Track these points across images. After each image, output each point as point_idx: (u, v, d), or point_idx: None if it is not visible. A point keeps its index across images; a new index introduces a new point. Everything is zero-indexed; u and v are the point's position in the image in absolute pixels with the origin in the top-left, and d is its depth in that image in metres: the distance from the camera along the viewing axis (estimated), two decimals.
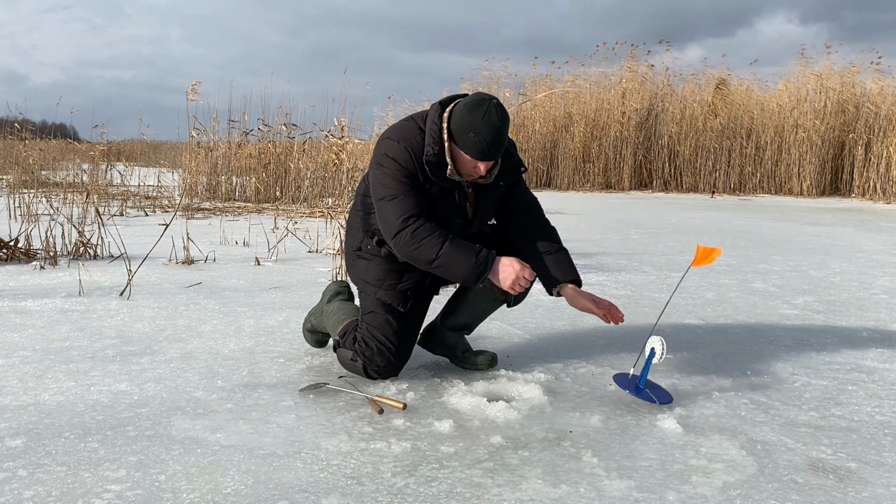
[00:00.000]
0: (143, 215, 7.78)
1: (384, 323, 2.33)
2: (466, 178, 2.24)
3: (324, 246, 5.41)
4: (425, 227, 2.17)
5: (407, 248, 2.17)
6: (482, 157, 2.15)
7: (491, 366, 2.51)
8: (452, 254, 2.14)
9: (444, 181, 2.21)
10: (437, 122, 2.21)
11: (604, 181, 15.58)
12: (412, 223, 2.17)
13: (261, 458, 1.75)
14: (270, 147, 10.31)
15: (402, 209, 2.18)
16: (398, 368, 2.38)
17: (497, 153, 2.17)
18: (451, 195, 2.26)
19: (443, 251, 2.14)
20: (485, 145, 2.12)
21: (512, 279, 2.14)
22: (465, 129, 2.13)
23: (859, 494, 1.65)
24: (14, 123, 11.57)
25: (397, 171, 2.20)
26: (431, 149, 2.18)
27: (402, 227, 2.17)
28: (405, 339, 2.36)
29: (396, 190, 2.20)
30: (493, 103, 2.13)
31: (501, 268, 2.15)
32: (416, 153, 2.20)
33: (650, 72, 16.21)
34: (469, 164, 2.19)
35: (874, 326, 3.34)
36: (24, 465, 1.68)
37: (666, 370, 2.56)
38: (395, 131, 2.27)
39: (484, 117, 2.11)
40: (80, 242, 4.63)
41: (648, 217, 9.18)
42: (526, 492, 1.62)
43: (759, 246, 6.30)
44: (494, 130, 2.11)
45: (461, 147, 2.16)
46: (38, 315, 3.13)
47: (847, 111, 14.86)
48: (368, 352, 2.32)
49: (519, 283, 2.15)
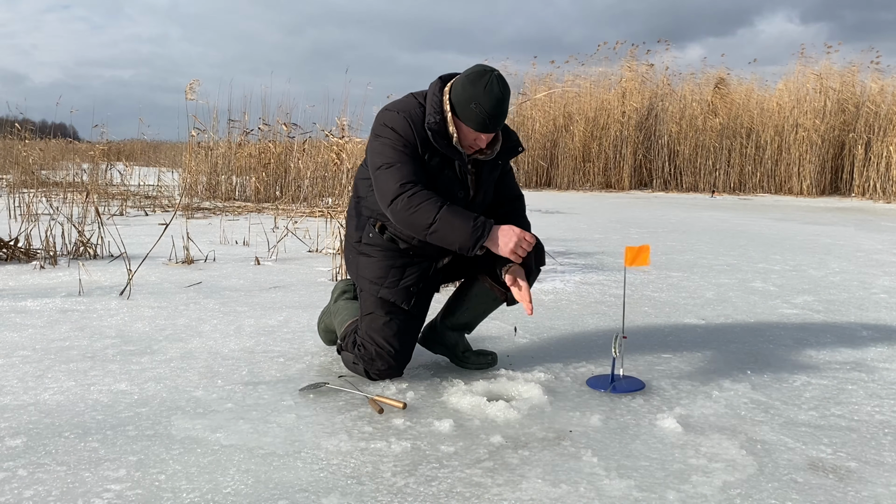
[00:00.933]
0: (142, 215, 7.79)
1: (383, 325, 2.30)
2: (467, 151, 2.24)
3: (324, 245, 5.41)
4: (422, 193, 2.14)
5: (403, 214, 2.15)
6: (483, 129, 2.15)
7: (491, 365, 2.51)
8: (449, 219, 2.11)
9: (447, 149, 2.21)
10: (438, 94, 2.22)
11: (604, 181, 15.57)
12: (409, 188, 2.15)
13: (261, 458, 1.75)
14: (270, 146, 10.31)
15: (400, 175, 2.16)
16: (400, 370, 2.36)
17: (498, 125, 2.17)
18: (453, 167, 2.25)
19: (440, 215, 2.10)
20: (486, 116, 2.12)
21: (514, 242, 2.10)
22: (467, 100, 2.13)
23: (859, 494, 1.65)
24: (14, 123, 11.58)
25: (396, 140, 2.20)
26: (433, 118, 2.18)
27: (399, 192, 2.14)
28: (406, 340, 2.34)
29: (394, 158, 2.19)
30: (494, 75, 2.13)
31: (501, 234, 2.11)
32: (417, 123, 2.20)
33: (650, 71, 16.21)
34: (470, 136, 2.19)
35: (874, 326, 3.34)
36: (24, 465, 1.68)
37: (665, 369, 2.56)
38: (395, 104, 2.28)
39: (485, 88, 2.11)
40: (80, 242, 4.63)
41: (648, 216, 9.18)
42: (526, 491, 1.62)
43: (758, 245, 6.30)
44: (496, 101, 2.11)
45: (462, 119, 2.16)
46: (37, 315, 3.13)
47: (847, 110, 14.85)
48: (368, 356, 2.30)
49: (521, 245, 2.11)
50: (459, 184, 2.27)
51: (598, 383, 2.36)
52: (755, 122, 15.25)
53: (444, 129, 2.20)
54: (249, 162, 10.33)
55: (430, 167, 2.23)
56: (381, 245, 2.34)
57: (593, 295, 3.88)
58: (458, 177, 2.26)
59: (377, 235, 2.33)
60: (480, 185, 2.33)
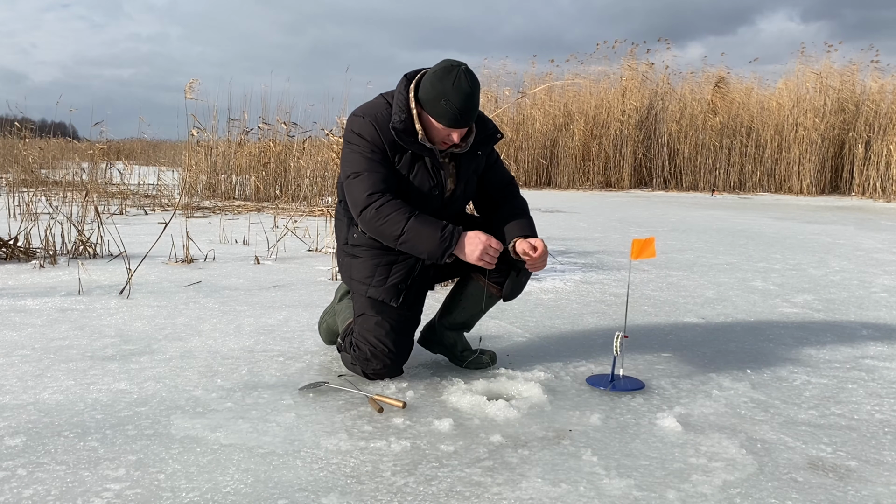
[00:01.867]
0: (142, 214, 7.78)
1: (375, 325, 2.30)
2: (440, 147, 2.24)
3: (323, 244, 5.41)
4: (390, 203, 2.15)
5: (373, 224, 2.17)
6: (455, 125, 2.14)
7: (490, 365, 2.50)
8: (418, 228, 2.12)
9: (414, 146, 2.20)
10: (404, 92, 2.21)
11: (604, 180, 15.57)
12: (377, 199, 2.16)
13: (260, 457, 1.75)
14: (270, 145, 10.31)
15: (368, 185, 2.17)
16: (397, 368, 2.35)
17: (470, 120, 2.16)
18: (424, 164, 2.24)
19: (408, 226, 2.12)
20: (456, 112, 2.11)
21: (480, 250, 2.12)
22: (436, 97, 2.11)
23: (859, 493, 1.65)
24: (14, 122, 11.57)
25: (363, 146, 2.20)
26: (398, 117, 2.18)
27: (367, 203, 2.17)
28: (400, 339, 2.32)
29: (362, 166, 2.20)
30: (461, 69, 2.12)
31: (467, 241, 2.13)
32: (382, 125, 2.20)
33: (650, 70, 16.20)
34: (442, 132, 2.18)
35: (874, 325, 3.34)
36: (24, 464, 1.68)
37: (665, 368, 2.56)
38: (362, 108, 2.29)
39: (454, 84, 2.09)
40: (80, 241, 4.63)
41: (648, 216, 9.17)
42: (526, 490, 1.62)
43: (758, 244, 6.30)
44: (465, 96, 2.10)
45: (433, 115, 2.15)
46: (37, 314, 3.13)
47: (847, 109, 14.85)
48: (363, 356, 2.30)
49: (487, 253, 2.13)
50: (432, 180, 2.26)
51: (598, 382, 2.37)
52: (755, 121, 15.25)
53: (410, 126, 2.19)
54: (249, 161, 10.33)
55: (401, 167, 2.23)
56: (366, 244, 2.33)
57: (593, 294, 3.88)
58: (430, 173, 2.25)
59: (361, 235, 2.33)
60: (460, 177, 2.32)
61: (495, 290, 2.43)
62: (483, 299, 2.46)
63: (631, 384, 2.36)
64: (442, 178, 2.27)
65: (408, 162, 2.23)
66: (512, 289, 2.44)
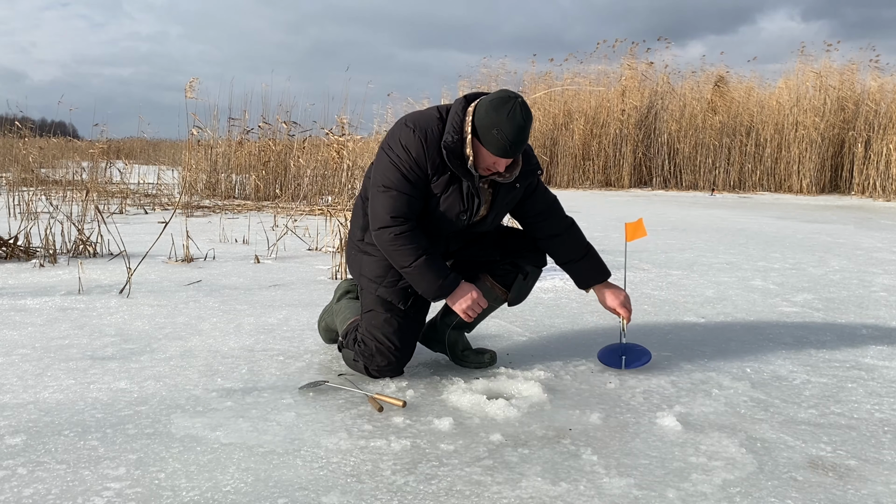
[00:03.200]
0: (142, 213, 7.78)
1: (383, 322, 2.32)
2: (483, 173, 2.25)
3: (323, 244, 5.41)
4: (408, 235, 2.21)
5: (386, 247, 2.24)
6: (504, 154, 2.16)
7: (490, 364, 2.51)
8: (423, 269, 2.21)
9: (459, 169, 2.21)
10: (461, 113, 2.21)
11: (603, 179, 15.56)
12: (398, 224, 2.20)
13: (260, 456, 1.75)
14: (270, 145, 10.31)
15: (394, 206, 2.21)
16: (400, 367, 2.37)
17: (518, 151, 2.18)
18: (460, 187, 2.25)
19: (416, 263, 2.20)
20: (507, 143, 2.12)
21: (466, 305, 2.26)
22: (490, 125, 2.12)
23: (859, 492, 1.65)
24: (14, 121, 11.57)
25: (405, 161, 2.21)
26: (451, 137, 2.19)
27: (389, 224, 2.21)
28: (406, 338, 2.34)
29: (395, 184, 2.21)
30: (518, 101, 2.14)
31: (459, 291, 2.26)
32: (431, 142, 2.21)
33: (650, 69, 16.20)
34: (489, 159, 2.19)
35: (874, 324, 3.34)
36: (24, 463, 1.68)
37: (666, 368, 2.56)
38: (415, 118, 2.27)
39: (508, 115, 2.11)
40: (80, 240, 4.63)
41: (648, 215, 9.17)
42: (525, 489, 1.62)
43: (758, 243, 6.30)
44: (518, 129, 2.11)
45: (484, 143, 2.16)
46: (37, 313, 3.13)
47: (847, 109, 14.84)
48: (368, 352, 2.31)
49: (473, 309, 2.27)
50: (462, 205, 2.28)
51: (610, 360, 2.54)
52: (755, 120, 15.25)
53: (460, 149, 2.20)
54: (249, 160, 10.33)
55: (436, 186, 2.24)
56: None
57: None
58: (462, 198, 2.27)
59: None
60: (494, 205, 2.35)
61: (501, 293, 2.46)
62: (489, 300, 2.48)
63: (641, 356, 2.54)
64: (474, 204, 2.29)
65: (445, 182, 2.24)
66: (518, 292, 2.48)
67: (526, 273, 2.45)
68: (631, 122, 15.44)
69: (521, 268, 2.44)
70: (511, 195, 2.37)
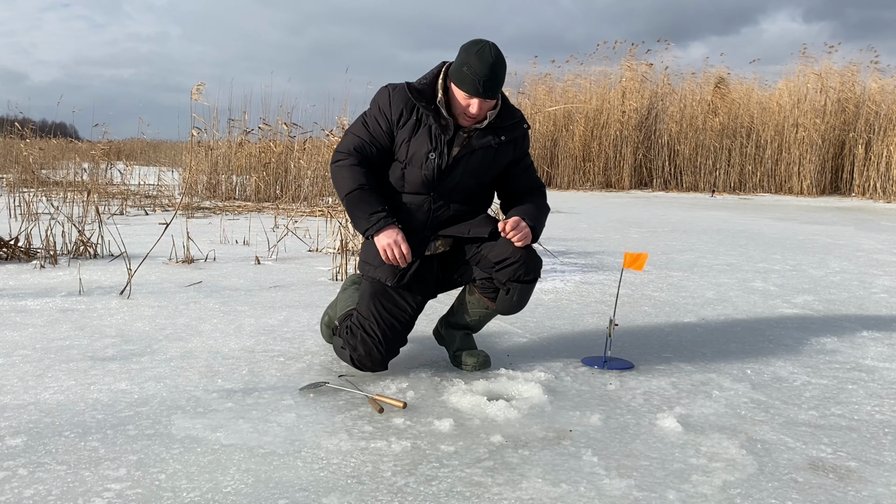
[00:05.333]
0: (143, 214, 7.79)
1: (373, 314, 2.31)
2: (462, 121, 2.28)
3: (324, 245, 5.41)
4: (351, 168, 2.32)
5: (332, 178, 2.38)
6: (475, 92, 2.19)
7: (480, 368, 2.47)
8: (356, 202, 2.29)
9: (424, 106, 2.27)
10: (436, 68, 2.34)
11: (604, 180, 15.57)
12: (343, 158, 2.35)
13: (261, 457, 1.75)
14: (271, 146, 10.31)
15: (346, 143, 2.37)
16: (383, 361, 2.32)
17: (489, 91, 2.19)
18: (427, 129, 2.29)
19: (351, 194, 2.30)
20: (477, 79, 2.16)
21: (384, 244, 2.26)
22: (461, 64, 2.20)
23: (859, 493, 1.65)
24: (14, 122, 11.58)
25: (369, 112, 2.37)
26: (423, 81, 2.32)
27: (336, 158, 2.37)
28: (392, 331, 2.31)
29: (353, 128, 2.39)
30: (488, 43, 2.21)
31: (384, 234, 2.27)
32: (399, 91, 2.32)
33: (650, 71, 16.20)
34: (463, 101, 2.23)
35: (874, 325, 3.34)
36: (25, 464, 1.68)
37: (665, 369, 2.56)
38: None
39: (478, 52, 2.17)
40: (81, 241, 4.63)
41: (648, 216, 9.17)
42: (526, 491, 1.62)
43: (759, 245, 6.30)
44: (488, 65, 2.16)
45: (456, 83, 2.22)
46: (38, 314, 3.13)
47: (847, 110, 14.85)
48: (353, 340, 2.31)
49: (391, 248, 2.25)
50: (430, 143, 2.29)
51: (592, 362, 2.60)
52: (755, 121, 15.25)
53: (429, 91, 2.30)
54: (250, 161, 10.33)
55: (404, 130, 2.30)
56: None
57: (593, 294, 3.88)
58: (430, 137, 2.29)
59: None
60: (465, 150, 2.30)
61: (489, 303, 2.44)
62: (479, 310, 2.48)
63: (621, 364, 2.58)
64: (442, 142, 2.28)
65: (412, 126, 2.30)
66: (505, 306, 2.40)
67: (508, 289, 2.34)
68: (631, 123, 15.44)
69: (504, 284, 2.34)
70: (492, 149, 2.33)
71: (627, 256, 2.69)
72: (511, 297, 2.35)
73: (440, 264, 2.43)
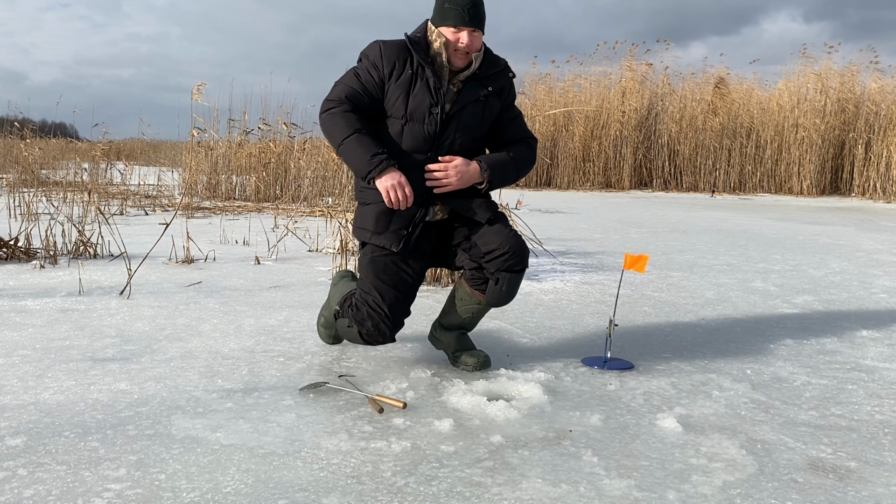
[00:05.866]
0: (143, 214, 7.79)
1: (376, 288, 2.32)
2: (456, 63, 2.31)
3: (324, 245, 5.41)
4: (345, 115, 2.30)
5: (324, 126, 2.34)
6: (461, 22, 2.25)
7: (480, 368, 2.47)
8: (354, 146, 2.27)
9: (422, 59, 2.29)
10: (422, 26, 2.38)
11: (604, 180, 15.57)
12: (335, 106, 2.32)
13: (261, 458, 1.75)
14: (271, 146, 10.31)
15: (337, 92, 2.34)
16: (391, 331, 2.33)
17: (475, 19, 2.27)
18: (426, 83, 2.29)
19: (348, 139, 2.27)
20: (461, 7, 2.23)
21: (389, 185, 2.24)
22: (441, 5, 2.27)
23: (859, 494, 1.66)
24: (14, 122, 11.58)
25: (360, 65, 2.36)
26: (416, 33, 2.35)
27: (328, 107, 2.34)
28: (397, 303, 2.32)
29: (345, 78, 2.36)
30: None
31: (387, 175, 2.25)
32: (391, 44, 2.33)
33: (650, 71, 16.21)
34: (452, 38, 2.27)
35: (874, 326, 3.34)
36: (25, 464, 1.68)
37: (665, 369, 2.56)
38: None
39: None
40: (80, 241, 4.63)
41: (648, 216, 9.18)
42: (526, 491, 1.62)
43: (759, 245, 6.30)
44: None
45: (441, 22, 2.28)
46: (38, 314, 3.13)
47: (847, 110, 14.85)
48: (360, 316, 2.31)
49: (395, 189, 2.24)
50: (432, 98, 2.30)
51: (592, 362, 2.60)
52: (755, 121, 15.26)
53: (424, 41, 2.32)
54: (250, 161, 10.33)
55: (400, 83, 2.29)
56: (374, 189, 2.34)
57: (593, 295, 3.89)
58: (430, 90, 2.30)
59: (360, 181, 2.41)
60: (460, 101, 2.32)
61: (479, 296, 2.43)
62: (471, 305, 2.48)
63: (621, 364, 2.58)
64: (442, 96, 2.30)
65: (408, 79, 2.30)
66: (495, 296, 2.40)
67: (497, 279, 2.35)
68: (631, 123, 15.44)
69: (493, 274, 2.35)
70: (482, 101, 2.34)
71: (628, 258, 2.67)
72: (500, 286, 2.37)
73: (437, 238, 2.43)
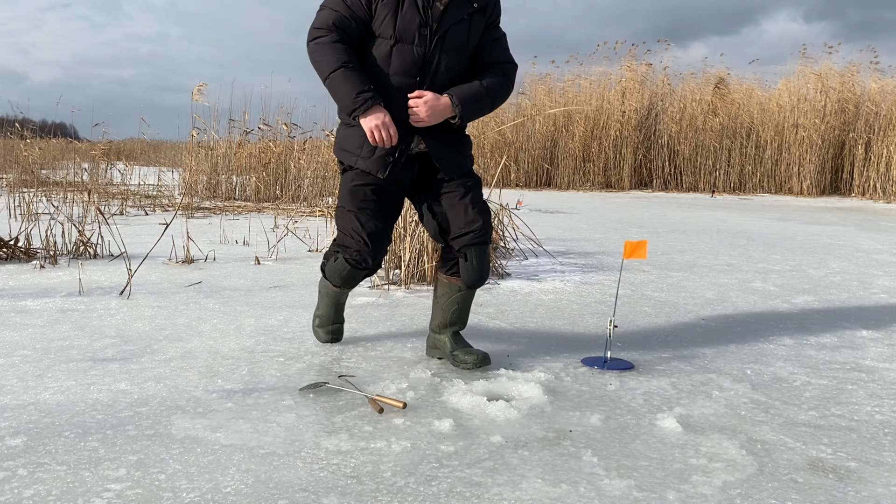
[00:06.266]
0: (143, 214, 7.79)
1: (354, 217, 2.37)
2: None
3: (324, 245, 5.41)
4: (331, 46, 2.25)
5: (312, 57, 2.30)
6: None
7: (480, 365, 2.46)
8: (340, 81, 2.24)
9: None
10: None
11: (604, 180, 15.57)
12: (323, 35, 2.27)
13: (261, 458, 1.75)
14: (271, 146, 10.31)
15: (323, 18, 2.28)
16: (372, 259, 2.41)
17: None
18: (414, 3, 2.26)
19: (335, 73, 2.24)
20: None
21: (374, 125, 2.23)
22: None
23: (859, 494, 1.65)
24: (14, 122, 11.58)
25: None
26: None
27: (315, 36, 2.29)
28: (378, 230, 2.39)
29: (329, 3, 2.30)
30: None
31: (372, 115, 2.23)
32: None
33: (650, 71, 16.21)
34: None
35: (874, 326, 3.34)
36: (24, 464, 1.68)
37: (665, 369, 2.56)
38: None
39: None
40: (80, 241, 4.63)
41: (648, 216, 9.18)
42: (526, 491, 1.62)
43: (759, 245, 6.30)
44: None
45: None
46: (38, 314, 3.13)
47: (847, 110, 14.85)
48: (344, 242, 2.39)
49: (379, 129, 2.23)
50: (421, 16, 2.27)
51: (592, 363, 2.60)
52: (755, 121, 15.26)
53: None
54: (250, 161, 10.33)
55: (386, 3, 2.25)
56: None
57: (593, 295, 3.88)
58: (418, 10, 2.27)
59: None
60: (445, 20, 2.29)
61: (456, 282, 2.47)
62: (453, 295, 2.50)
63: (621, 364, 2.58)
64: (430, 15, 2.28)
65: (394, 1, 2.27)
66: (469, 274, 2.42)
67: (465, 255, 2.39)
68: (631, 123, 15.44)
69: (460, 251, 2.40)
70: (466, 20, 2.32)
71: (628, 245, 2.68)
72: (471, 261, 2.40)
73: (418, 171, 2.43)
